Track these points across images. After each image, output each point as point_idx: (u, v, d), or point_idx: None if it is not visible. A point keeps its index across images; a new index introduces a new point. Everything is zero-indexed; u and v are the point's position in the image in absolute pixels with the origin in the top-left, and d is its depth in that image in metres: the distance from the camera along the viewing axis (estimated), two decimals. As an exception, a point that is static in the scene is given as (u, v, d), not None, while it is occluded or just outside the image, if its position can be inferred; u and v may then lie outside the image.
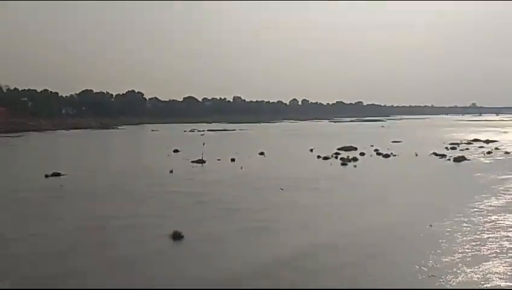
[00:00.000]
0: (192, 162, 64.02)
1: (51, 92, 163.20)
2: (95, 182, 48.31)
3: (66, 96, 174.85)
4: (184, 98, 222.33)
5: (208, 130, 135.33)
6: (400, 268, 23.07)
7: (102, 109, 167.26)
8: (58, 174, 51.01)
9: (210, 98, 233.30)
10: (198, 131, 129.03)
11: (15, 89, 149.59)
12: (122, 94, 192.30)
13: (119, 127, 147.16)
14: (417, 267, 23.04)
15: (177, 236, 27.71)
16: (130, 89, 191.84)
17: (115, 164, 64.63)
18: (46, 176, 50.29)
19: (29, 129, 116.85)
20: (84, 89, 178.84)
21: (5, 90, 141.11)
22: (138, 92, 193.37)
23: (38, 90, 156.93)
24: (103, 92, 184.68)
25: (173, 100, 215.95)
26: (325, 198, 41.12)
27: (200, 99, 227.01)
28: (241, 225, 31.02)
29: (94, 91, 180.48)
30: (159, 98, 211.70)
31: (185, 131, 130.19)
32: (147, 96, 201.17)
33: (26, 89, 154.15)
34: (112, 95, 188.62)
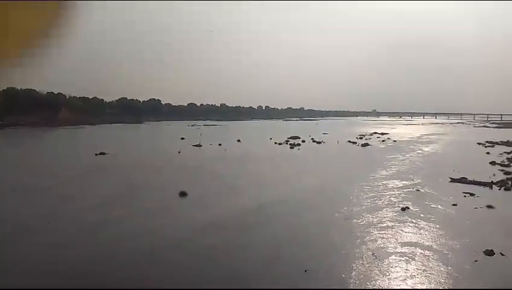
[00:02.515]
0: (193, 146, 63.48)
1: (97, 98, 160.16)
2: (129, 159, 47.62)
3: (109, 102, 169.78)
4: (188, 104, 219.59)
5: (203, 125, 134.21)
6: (326, 215, 23.46)
7: (133, 110, 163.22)
8: (103, 153, 50.02)
9: (205, 103, 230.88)
10: (197, 126, 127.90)
11: (74, 96, 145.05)
12: (146, 100, 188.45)
13: (144, 123, 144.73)
14: (337, 214, 23.52)
15: (183, 194, 27.69)
16: (151, 97, 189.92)
17: (142, 147, 63.71)
18: (96, 154, 49.29)
19: (84, 123, 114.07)
20: (120, 97, 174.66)
21: (67, 97, 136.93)
22: (157, 99, 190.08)
23: (90, 97, 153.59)
24: (133, 99, 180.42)
25: (180, 105, 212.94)
26: (278, 169, 41.39)
27: (198, 104, 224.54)
28: (224, 186, 31.15)
29: (128, 98, 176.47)
30: (171, 103, 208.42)
31: (188, 126, 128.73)
32: (163, 102, 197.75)
33: (82, 96, 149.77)
34: (139, 101, 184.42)
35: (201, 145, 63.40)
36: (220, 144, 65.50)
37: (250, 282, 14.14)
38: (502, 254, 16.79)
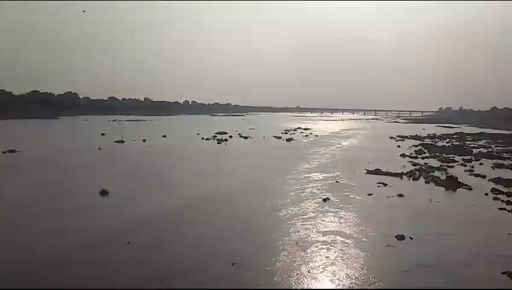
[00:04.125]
0: (115, 142, 60.56)
1: (5, 90, 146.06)
2: (43, 156, 44.06)
3: (19, 94, 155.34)
4: (109, 97, 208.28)
5: (126, 120, 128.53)
6: (252, 209, 23.84)
7: (47, 104, 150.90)
8: (13, 151, 45.75)
9: (127, 98, 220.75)
10: (119, 121, 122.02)
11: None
12: (62, 94, 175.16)
13: (60, 118, 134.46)
14: (262, 208, 24.05)
15: (104, 192, 26.31)
16: (67, 90, 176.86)
17: (58, 143, 59.24)
18: (4, 152, 44.90)
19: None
20: (32, 90, 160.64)
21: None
22: (74, 92, 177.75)
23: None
24: (47, 92, 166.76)
25: (100, 99, 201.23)
26: (205, 165, 41.16)
27: (120, 98, 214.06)
28: (148, 184, 30.21)
29: (40, 91, 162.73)
30: (90, 97, 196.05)
31: (108, 121, 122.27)
32: (81, 96, 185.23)
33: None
34: (54, 94, 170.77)
35: (124, 141, 60.71)
36: (144, 140, 63.33)
37: (174, 280, 13.92)
38: (411, 238, 18.51)
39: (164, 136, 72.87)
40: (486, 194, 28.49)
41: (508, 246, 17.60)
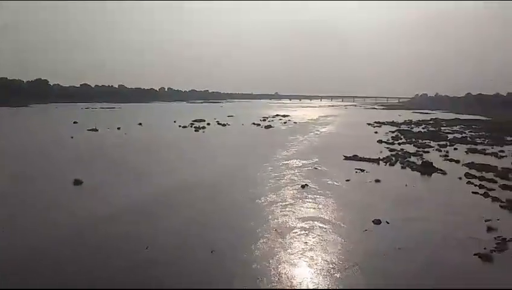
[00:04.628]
0: (88, 130, 59.16)
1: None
2: (11, 146, 42.63)
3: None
4: (81, 84, 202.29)
5: (100, 108, 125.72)
6: (231, 198, 23.81)
7: (15, 91, 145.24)
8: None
9: (100, 85, 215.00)
10: (92, 109, 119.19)
11: None
12: (31, 81, 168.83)
13: (30, 106, 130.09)
14: (242, 196, 24.02)
15: (77, 182, 25.71)
16: (37, 77, 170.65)
17: (27, 132, 57.50)
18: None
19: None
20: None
21: None
22: (44, 79, 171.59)
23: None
24: (15, 79, 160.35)
25: (72, 86, 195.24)
26: (182, 153, 40.77)
27: (93, 85, 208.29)
28: (124, 173, 29.71)
29: (8, 78, 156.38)
30: (61, 84, 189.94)
31: (81, 108, 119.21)
32: (51, 83, 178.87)
33: None
34: (23, 81, 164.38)
35: (97, 130, 59.40)
36: (118, 128, 62.11)
37: (151, 269, 13.78)
38: (387, 222, 18.88)
39: (140, 124, 71.71)
40: (460, 178, 29.29)
41: (480, 229, 18.18)
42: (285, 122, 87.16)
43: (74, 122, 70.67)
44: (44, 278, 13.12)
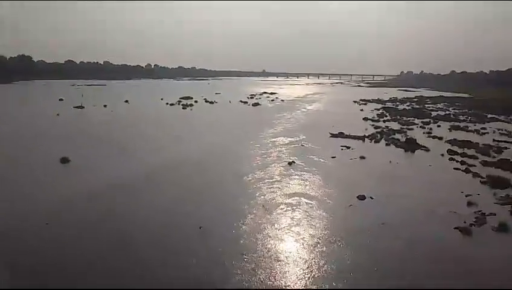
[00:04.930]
0: (74, 107, 58.09)
1: None
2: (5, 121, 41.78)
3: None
4: (65, 61, 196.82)
5: (85, 85, 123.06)
6: (219, 175, 23.87)
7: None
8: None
9: (86, 61, 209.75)
10: (77, 85, 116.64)
11: None
12: (15, 57, 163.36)
13: (14, 83, 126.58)
14: (230, 173, 24.11)
15: (65, 160, 25.43)
16: (20, 54, 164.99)
17: (13, 109, 56.18)
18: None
19: None
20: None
21: None
22: (28, 56, 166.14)
23: None
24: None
25: (56, 62, 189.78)
26: (170, 130, 40.44)
27: (78, 62, 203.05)
28: (112, 151, 29.46)
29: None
30: (45, 60, 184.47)
31: (67, 85, 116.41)
32: (35, 59, 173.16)
33: None
34: (5, 57, 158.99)
35: (83, 107, 58.38)
36: (105, 106, 61.13)
37: (139, 245, 13.86)
38: (371, 198, 19.25)
39: (126, 101, 70.65)
40: (442, 155, 29.86)
41: (461, 204, 18.68)
42: (272, 100, 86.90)
43: (60, 100, 69.26)
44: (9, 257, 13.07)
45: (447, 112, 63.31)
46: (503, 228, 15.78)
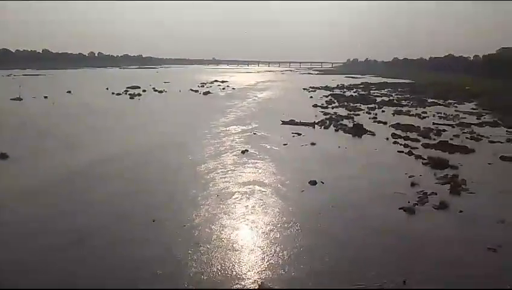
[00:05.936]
0: (11, 99, 54.17)
1: None
2: None
3: None
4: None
5: (23, 75, 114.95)
6: (170, 166, 23.42)
7: None
8: None
9: (22, 49, 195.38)
10: (14, 76, 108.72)
11: None
12: None
13: None
14: (181, 164, 23.76)
15: (3, 156, 23.73)
16: None
17: None
18: None
19: None
20: None
21: None
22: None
23: None
24: None
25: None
26: (117, 122, 39.05)
27: (13, 50, 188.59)
28: (54, 144, 27.90)
29: None
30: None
31: (2, 76, 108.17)
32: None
33: None
34: None
35: (21, 99, 54.66)
36: (46, 97, 57.68)
37: (93, 239, 13.32)
38: (322, 182, 19.82)
39: (69, 91, 67.08)
40: (387, 139, 31.32)
41: (405, 185, 19.73)
42: (223, 88, 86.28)
43: (-7, 92, 64.34)
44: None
45: (391, 98, 66.22)
46: (442, 206, 16.89)
